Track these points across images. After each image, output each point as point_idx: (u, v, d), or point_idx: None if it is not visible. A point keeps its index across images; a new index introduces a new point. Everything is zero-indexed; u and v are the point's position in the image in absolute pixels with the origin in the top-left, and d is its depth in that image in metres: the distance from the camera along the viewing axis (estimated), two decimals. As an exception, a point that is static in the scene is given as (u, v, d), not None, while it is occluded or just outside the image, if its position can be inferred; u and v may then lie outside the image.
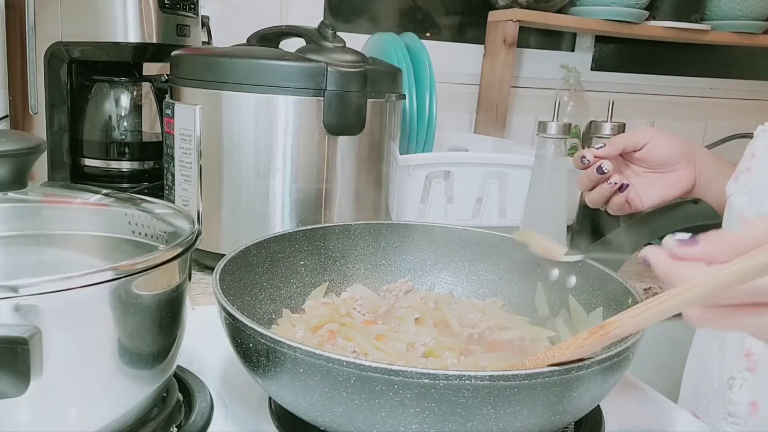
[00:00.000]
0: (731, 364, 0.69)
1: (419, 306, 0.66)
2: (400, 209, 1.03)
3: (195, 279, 0.83)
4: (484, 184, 1.09)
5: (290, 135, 0.80)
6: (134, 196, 0.59)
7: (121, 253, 0.55)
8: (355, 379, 0.41)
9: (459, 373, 0.40)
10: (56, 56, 0.97)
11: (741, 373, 0.67)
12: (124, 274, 0.43)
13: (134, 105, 1.07)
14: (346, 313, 0.64)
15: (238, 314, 0.46)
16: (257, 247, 0.62)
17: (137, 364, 0.46)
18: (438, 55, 1.18)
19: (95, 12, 0.95)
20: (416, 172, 1.05)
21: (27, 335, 0.38)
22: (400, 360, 0.56)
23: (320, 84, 0.79)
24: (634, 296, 0.54)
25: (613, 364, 0.44)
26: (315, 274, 0.67)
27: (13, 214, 0.53)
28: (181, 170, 0.84)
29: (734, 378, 0.68)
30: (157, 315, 0.47)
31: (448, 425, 0.41)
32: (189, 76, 0.83)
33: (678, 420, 0.60)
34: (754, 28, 1.66)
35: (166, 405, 0.52)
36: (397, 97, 0.88)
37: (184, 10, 1.01)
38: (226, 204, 0.83)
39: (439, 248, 0.70)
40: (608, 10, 1.52)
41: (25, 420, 0.41)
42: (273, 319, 0.62)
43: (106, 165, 1.05)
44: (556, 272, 0.65)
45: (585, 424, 0.55)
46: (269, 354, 0.44)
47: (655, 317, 0.42)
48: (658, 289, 0.96)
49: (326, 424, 0.45)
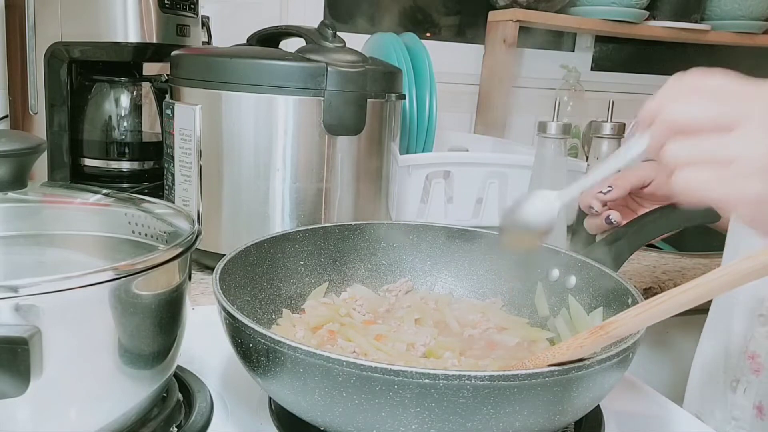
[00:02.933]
0: (735, 366, 0.69)
1: (419, 306, 0.66)
2: (400, 209, 1.03)
3: (195, 279, 0.83)
4: (484, 184, 1.09)
5: (290, 135, 0.80)
6: (134, 196, 0.59)
7: (121, 253, 0.55)
8: (355, 379, 0.41)
9: (459, 373, 0.40)
10: (56, 56, 0.97)
11: (745, 375, 0.67)
12: (124, 274, 0.43)
13: (134, 105, 1.07)
14: (346, 313, 0.64)
15: (238, 314, 0.46)
16: (257, 247, 0.62)
17: (137, 364, 0.46)
18: (438, 55, 1.18)
19: (95, 12, 0.95)
20: (416, 172, 1.05)
21: (27, 335, 0.38)
22: (400, 360, 0.56)
23: (320, 84, 0.79)
24: (634, 296, 0.54)
25: (613, 364, 0.44)
26: (315, 274, 0.67)
27: (13, 214, 0.53)
28: (181, 170, 0.84)
29: (738, 381, 0.68)
30: (157, 315, 0.47)
31: (448, 425, 0.41)
32: (189, 76, 0.83)
33: (678, 420, 0.60)
34: (754, 28, 1.66)
35: (166, 405, 0.52)
36: (397, 97, 0.88)
37: (184, 10, 1.01)
38: (226, 204, 0.83)
39: (439, 248, 0.70)
40: (608, 10, 1.52)
41: (25, 420, 0.41)
42: (273, 319, 0.62)
43: (106, 165, 1.05)
44: (556, 272, 0.65)
45: (585, 424, 0.55)
46: (269, 354, 0.44)
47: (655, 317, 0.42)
48: (658, 289, 0.96)
49: (326, 424, 0.45)
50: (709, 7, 1.65)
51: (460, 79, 1.60)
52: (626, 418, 0.59)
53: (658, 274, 1.00)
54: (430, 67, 1.10)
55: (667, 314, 0.41)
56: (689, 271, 1.04)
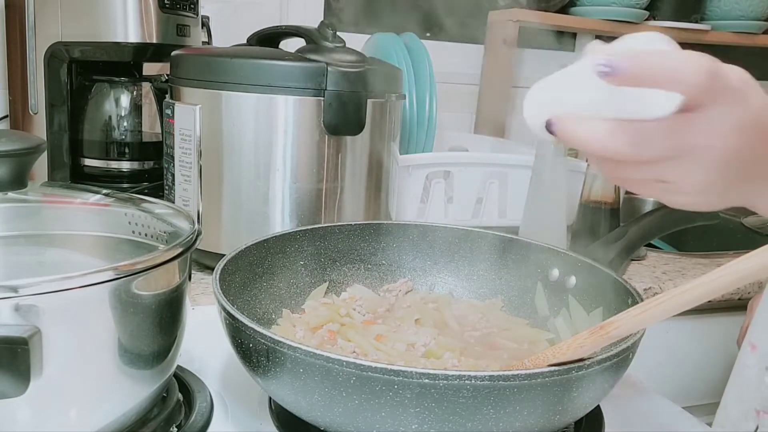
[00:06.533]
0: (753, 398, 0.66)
1: (419, 306, 0.66)
2: (400, 209, 1.03)
3: (195, 279, 0.83)
4: (484, 184, 1.09)
5: (290, 135, 0.80)
6: (134, 196, 0.59)
7: (121, 253, 0.55)
8: (355, 379, 0.41)
9: (459, 373, 0.40)
10: (56, 56, 0.97)
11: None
12: (124, 274, 0.43)
13: (134, 105, 1.07)
14: (346, 313, 0.64)
15: (238, 314, 0.46)
16: (257, 247, 0.62)
17: (137, 364, 0.46)
18: (438, 55, 1.18)
19: (95, 12, 0.95)
20: (416, 172, 1.05)
21: (27, 335, 0.38)
22: (400, 360, 0.56)
23: (320, 84, 0.79)
24: (634, 296, 0.54)
25: (613, 364, 0.44)
26: (315, 274, 0.67)
27: (13, 214, 0.53)
28: (181, 170, 0.84)
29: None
30: (157, 315, 0.47)
31: (448, 425, 0.41)
32: (189, 76, 0.83)
33: (678, 420, 0.60)
34: (754, 28, 1.66)
35: (166, 405, 0.52)
36: (397, 97, 0.88)
37: (184, 10, 1.01)
38: (226, 204, 0.83)
39: (439, 248, 0.70)
40: (608, 10, 1.52)
41: (25, 420, 0.41)
42: (273, 319, 0.62)
43: (106, 165, 1.05)
44: (556, 272, 0.65)
45: (585, 424, 0.55)
46: (269, 354, 0.44)
47: (655, 317, 0.42)
48: (658, 289, 0.96)
49: (326, 424, 0.45)
50: (709, 7, 1.65)
51: (460, 79, 1.60)
52: (626, 418, 0.59)
53: (658, 274, 1.00)
54: (430, 67, 1.10)
55: (667, 314, 0.41)
56: (689, 271, 1.04)
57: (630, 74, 0.38)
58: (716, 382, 1.10)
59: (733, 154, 0.41)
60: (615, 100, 0.40)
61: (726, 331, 1.08)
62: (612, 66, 0.37)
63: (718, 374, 1.10)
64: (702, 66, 0.38)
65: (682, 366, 1.08)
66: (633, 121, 0.40)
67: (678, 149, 0.40)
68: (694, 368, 1.09)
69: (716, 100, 0.40)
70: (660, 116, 0.39)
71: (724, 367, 1.11)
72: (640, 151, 0.40)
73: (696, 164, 0.41)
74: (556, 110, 0.42)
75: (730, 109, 0.40)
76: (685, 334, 1.06)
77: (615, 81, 0.38)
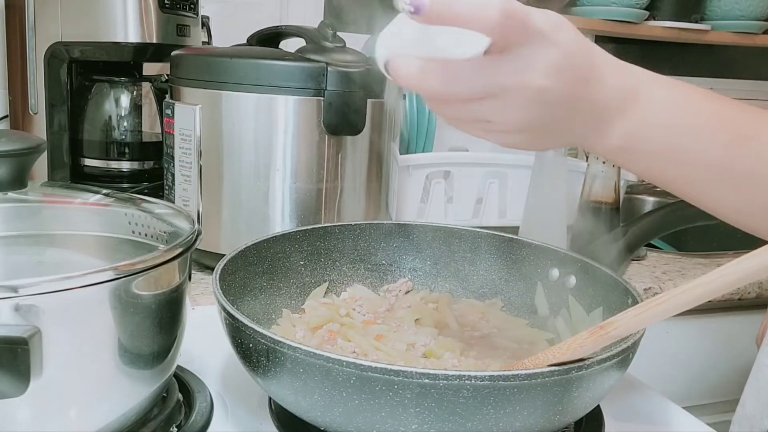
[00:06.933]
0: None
1: (419, 306, 0.66)
2: (400, 209, 1.03)
3: (195, 279, 0.83)
4: (484, 184, 1.09)
5: (290, 135, 0.80)
6: (134, 196, 0.59)
7: (121, 253, 0.55)
8: (355, 379, 0.41)
9: (459, 373, 0.40)
10: (56, 56, 0.97)
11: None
12: (124, 274, 0.43)
13: (134, 105, 1.07)
14: (346, 313, 0.64)
15: (238, 314, 0.46)
16: (257, 247, 0.62)
17: (137, 364, 0.46)
18: (438, 55, 1.17)
19: (95, 12, 0.95)
20: (416, 172, 1.05)
21: (27, 335, 0.38)
22: (400, 360, 0.56)
23: (320, 84, 0.79)
24: (634, 296, 0.54)
25: (613, 364, 0.44)
26: (315, 274, 0.67)
27: (13, 214, 0.53)
28: (181, 170, 0.84)
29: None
30: (157, 315, 0.47)
31: (448, 425, 0.41)
32: (189, 76, 0.83)
33: (678, 420, 0.60)
34: (754, 28, 1.65)
35: (166, 405, 0.52)
36: (397, 97, 0.88)
37: (184, 10, 1.01)
38: (226, 204, 0.83)
39: (439, 248, 0.70)
40: (608, 10, 1.52)
41: (25, 420, 0.41)
42: (273, 319, 0.62)
43: (106, 165, 1.05)
44: (556, 272, 0.65)
45: (585, 424, 0.55)
46: (269, 354, 0.44)
47: (655, 317, 0.42)
48: (658, 289, 0.96)
49: (326, 424, 0.45)
50: (709, 7, 1.65)
51: (460, 79, 1.59)
52: (626, 418, 0.59)
53: (658, 274, 1.00)
54: (430, 67, 1.10)
55: (667, 314, 0.41)
56: (689, 271, 1.04)
57: (432, 13, 0.39)
58: (717, 381, 1.10)
59: (547, 95, 0.43)
60: (429, 41, 0.43)
61: (726, 331, 1.08)
62: (415, 5, 0.39)
63: (718, 374, 1.10)
64: (495, 7, 0.39)
65: (682, 366, 1.08)
66: (447, 61, 0.42)
67: (490, 89, 0.42)
68: (695, 368, 1.09)
69: (522, 43, 0.41)
70: (470, 56, 0.42)
71: (725, 366, 1.11)
72: (452, 89, 0.42)
73: (511, 103, 0.43)
74: (390, 51, 0.45)
75: (538, 51, 0.42)
76: (685, 334, 1.06)
77: (421, 20, 0.40)
